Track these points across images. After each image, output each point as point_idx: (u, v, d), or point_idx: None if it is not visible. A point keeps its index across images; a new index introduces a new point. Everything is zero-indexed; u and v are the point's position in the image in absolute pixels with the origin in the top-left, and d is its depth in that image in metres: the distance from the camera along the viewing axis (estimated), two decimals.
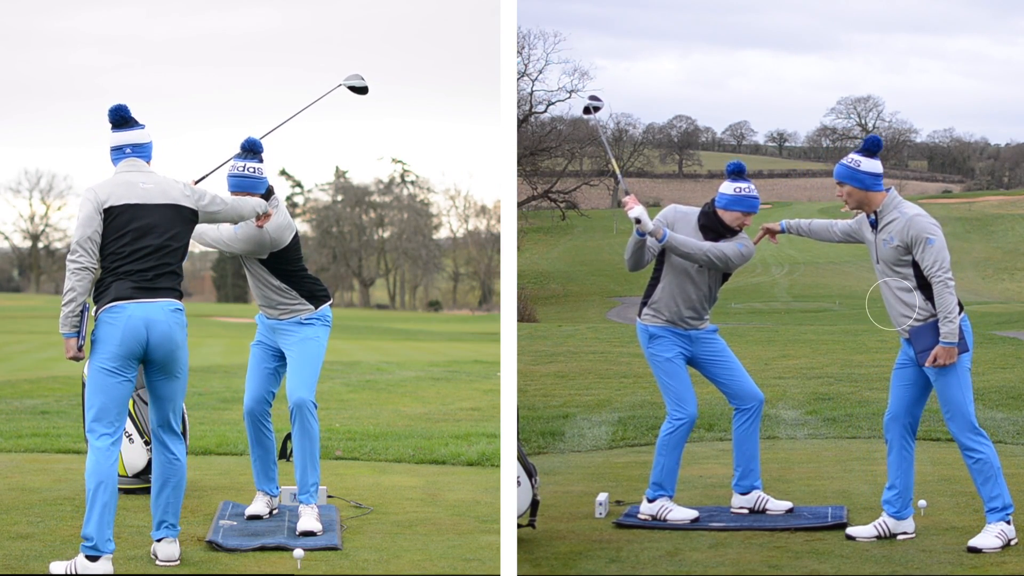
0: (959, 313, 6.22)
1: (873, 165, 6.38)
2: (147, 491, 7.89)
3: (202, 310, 61.25)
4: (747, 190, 6.90)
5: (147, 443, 7.91)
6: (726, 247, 6.86)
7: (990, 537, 6.20)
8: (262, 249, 6.87)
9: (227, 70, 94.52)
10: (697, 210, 7.02)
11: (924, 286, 6.28)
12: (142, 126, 6.27)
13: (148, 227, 6.05)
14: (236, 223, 6.66)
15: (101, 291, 6.05)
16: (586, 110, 7.46)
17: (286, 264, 6.98)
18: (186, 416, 8.14)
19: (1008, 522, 6.28)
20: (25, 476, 8.49)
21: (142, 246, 6.02)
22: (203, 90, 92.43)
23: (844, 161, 6.45)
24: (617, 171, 7.32)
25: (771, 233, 7.06)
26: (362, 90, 7.45)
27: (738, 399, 7.08)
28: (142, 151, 6.23)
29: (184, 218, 6.18)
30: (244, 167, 6.85)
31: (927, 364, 6.26)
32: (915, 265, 6.28)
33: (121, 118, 6.24)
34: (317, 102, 7.31)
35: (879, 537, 6.44)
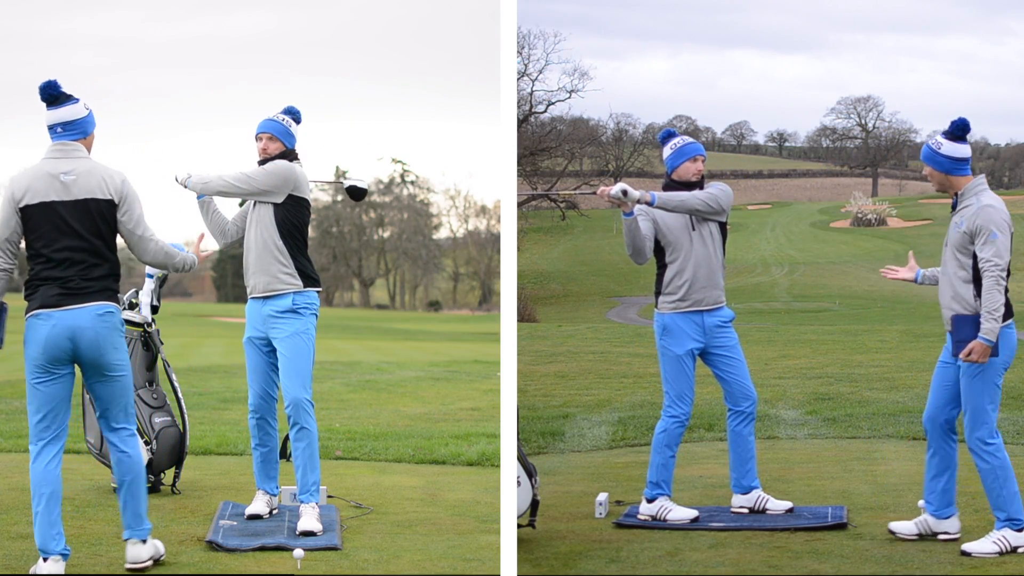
0: (1008, 319, 6.12)
1: (955, 149, 6.30)
2: (147, 491, 7.89)
3: (202, 310, 61.25)
4: (681, 142, 7.06)
5: (147, 443, 7.90)
6: (711, 189, 6.99)
7: (987, 543, 6.13)
8: (286, 186, 6.85)
9: (225, 71, 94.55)
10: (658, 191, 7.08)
11: (980, 280, 6.15)
12: (75, 100, 5.93)
13: (65, 227, 5.79)
14: (150, 261, 6.24)
15: (30, 293, 5.85)
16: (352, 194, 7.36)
17: (296, 219, 6.92)
18: (185, 414, 8.15)
19: (1019, 530, 6.15)
20: (25, 476, 8.44)
21: (61, 247, 5.78)
22: (201, 91, 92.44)
23: (928, 142, 6.38)
24: (578, 192, 7.52)
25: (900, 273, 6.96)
26: (361, 193, 7.37)
27: (733, 398, 7.08)
28: (73, 128, 5.88)
29: (105, 210, 5.85)
30: (276, 116, 7.01)
31: (961, 356, 6.15)
32: (975, 256, 6.15)
33: (50, 95, 5.88)
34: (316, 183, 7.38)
35: (920, 535, 6.35)
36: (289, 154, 6.96)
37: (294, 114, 7.06)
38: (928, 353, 17.35)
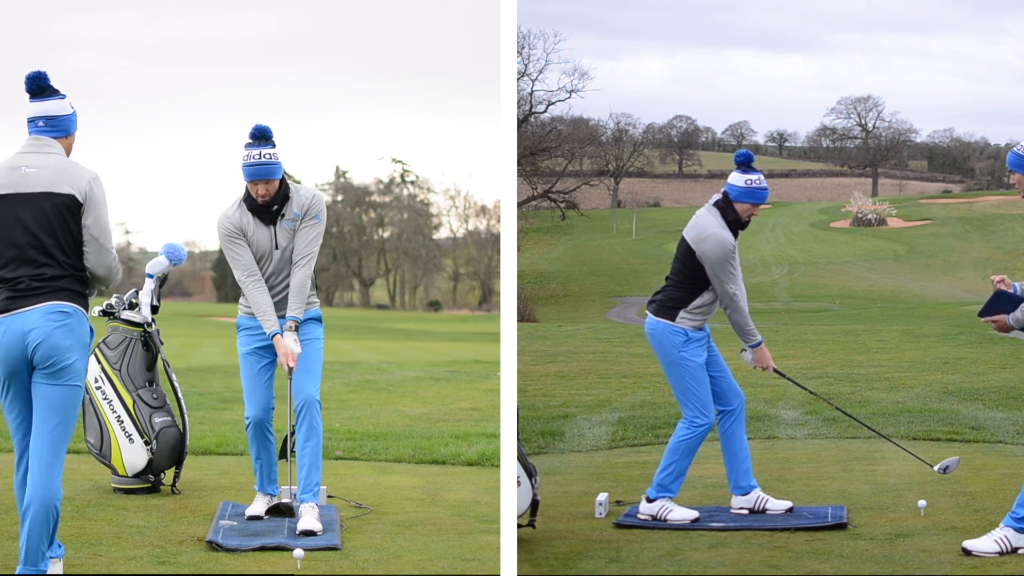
0: None
1: None
2: (147, 491, 7.91)
3: (202, 310, 61.30)
4: (757, 182, 6.92)
5: (147, 443, 7.91)
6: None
7: (988, 541, 6.09)
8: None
9: (224, 72, 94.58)
10: (715, 216, 6.91)
11: None
12: (62, 96, 5.63)
13: (17, 223, 5.40)
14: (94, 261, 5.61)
15: None
16: None
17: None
18: (185, 414, 8.15)
19: (1020, 531, 6.09)
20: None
21: (12, 245, 5.39)
22: (200, 92, 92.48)
23: (1015, 149, 6.21)
24: None
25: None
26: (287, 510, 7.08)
27: (724, 398, 7.07)
28: (56, 125, 5.58)
29: (62, 205, 5.41)
30: (260, 154, 6.69)
31: (983, 317, 6.14)
32: None
33: (37, 87, 5.58)
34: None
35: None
36: (284, 183, 6.88)
37: (268, 137, 6.77)
38: (928, 353, 17.35)
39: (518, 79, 46.86)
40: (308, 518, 6.74)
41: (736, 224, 6.91)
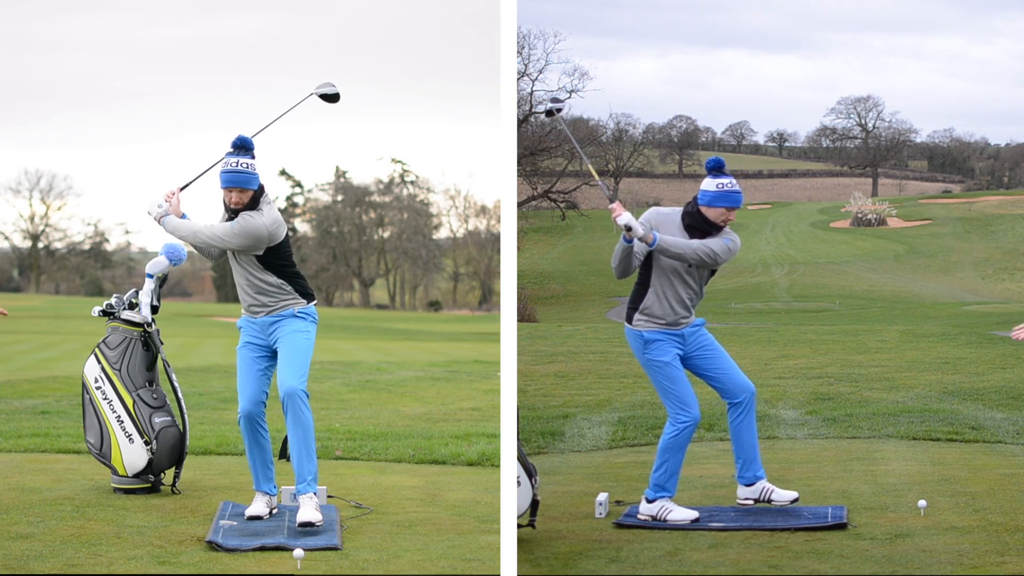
0: None
1: None
2: (147, 491, 7.91)
3: (202, 310, 61.27)
4: (729, 185, 6.90)
5: (147, 443, 7.91)
6: (713, 243, 6.88)
7: None
8: (259, 244, 6.88)
9: (222, 73, 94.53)
10: (678, 210, 7.03)
11: None
12: None
13: None
14: None
15: None
16: (548, 112, 7.48)
17: (282, 260, 6.99)
18: (185, 414, 8.15)
19: None
20: (25, 476, 8.49)
21: None
22: (198, 93, 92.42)
23: None
24: (596, 176, 7.38)
25: None
26: (333, 97, 7.44)
27: (729, 393, 7.07)
28: None
29: None
30: (237, 163, 6.88)
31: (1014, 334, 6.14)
32: None
33: None
34: (292, 110, 7.27)
35: None
36: (257, 196, 6.96)
37: (247, 147, 6.94)
38: (928, 353, 17.35)
39: (518, 79, 46.85)
40: (306, 509, 6.74)
41: (703, 226, 6.91)
